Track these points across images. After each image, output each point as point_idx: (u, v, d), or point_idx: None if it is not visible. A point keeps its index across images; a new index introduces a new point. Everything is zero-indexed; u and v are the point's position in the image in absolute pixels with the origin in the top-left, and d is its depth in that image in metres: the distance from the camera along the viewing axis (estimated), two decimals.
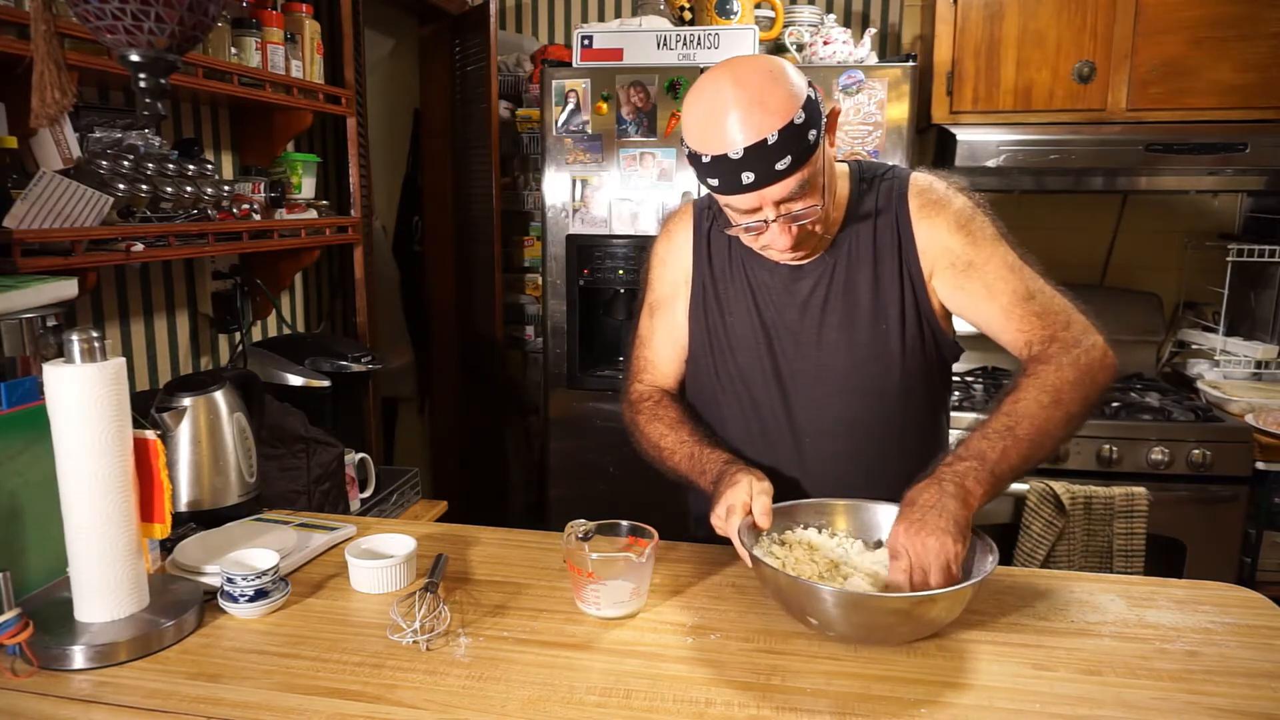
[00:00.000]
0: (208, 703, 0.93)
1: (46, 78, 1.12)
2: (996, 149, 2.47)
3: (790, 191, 1.13)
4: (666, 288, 1.41)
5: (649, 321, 1.44)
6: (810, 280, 1.29)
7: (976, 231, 1.25)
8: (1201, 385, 2.60)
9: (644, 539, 1.16)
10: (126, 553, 1.06)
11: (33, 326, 1.20)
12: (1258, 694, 0.94)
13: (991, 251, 1.25)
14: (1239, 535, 2.29)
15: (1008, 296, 1.23)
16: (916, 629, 1.02)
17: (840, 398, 1.29)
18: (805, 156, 1.12)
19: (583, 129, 2.54)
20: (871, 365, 1.28)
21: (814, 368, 1.30)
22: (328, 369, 2.04)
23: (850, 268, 1.28)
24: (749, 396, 1.33)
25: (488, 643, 1.06)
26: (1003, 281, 1.24)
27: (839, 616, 1.00)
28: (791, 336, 1.30)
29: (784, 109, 1.10)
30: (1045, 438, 1.13)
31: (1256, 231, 2.82)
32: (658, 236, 1.45)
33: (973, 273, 1.24)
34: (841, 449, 1.30)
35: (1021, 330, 1.23)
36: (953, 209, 1.26)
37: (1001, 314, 1.24)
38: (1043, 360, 1.18)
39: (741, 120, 1.09)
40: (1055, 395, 1.13)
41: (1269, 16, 2.41)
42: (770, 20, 2.66)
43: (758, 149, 1.09)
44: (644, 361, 1.44)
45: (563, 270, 2.63)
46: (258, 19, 1.94)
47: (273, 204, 2.04)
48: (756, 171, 1.11)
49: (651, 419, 1.36)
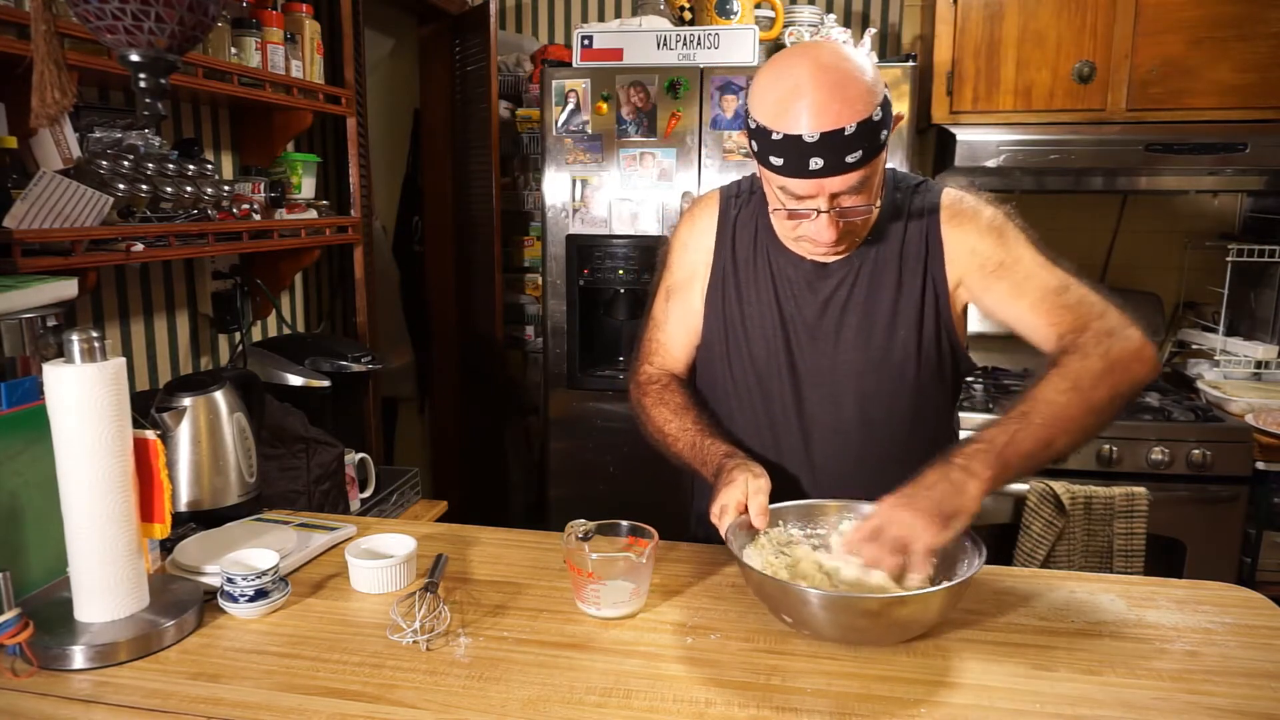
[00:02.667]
0: (208, 703, 0.93)
1: (46, 78, 1.12)
2: (996, 149, 2.47)
3: (850, 186, 1.13)
4: (685, 271, 1.40)
5: (664, 304, 1.43)
6: (835, 279, 1.29)
7: (1007, 235, 1.26)
8: (1201, 385, 2.60)
9: (644, 539, 1.16)
10: (126, 553, 1.06)
11: (33, 326, 1.20)
12: (1258, 694, 0.94)
13: (1021, 252, 1.25)
14: (1239, 535, 2.29)
15: (1038, 292, 1.23)
16: (892, 629, 1.02)
17: (852, 398, 1.29)
18: (874, 154, 1.12)
19: (583, 129, 2.54)
20: (886, 369, 1.28)
21: (828, 365, 1.30)
22: (328, 369, 2.04)
23: (875, 272, 1.28)
24: (760, 388, 1.33)
25: (488, 643, 1.06)
26: (1033, 279, 1.23)
27: (812, 616, 1.00)
28: (809, 332, 1.30)
29: (865, 102, 1.10)
30: (1064, 424, 1.11)
31: (1256, 231, 2.82)
32: (680, 220, 1.45)
33: (1003, 272, 1.24)
34: (849, 448, 1.30)
35: (1052, 324, 1.22)
36: (983, 216, 1.27)
37: (1031, 310, 1.23)
38: (1071, 350, 1.16)
39: (822, 105, 1.09)
40: (1075, 382, 1.12)
41: (1269, 16, 2.41)
42: (770, 20, 2.65)
43: (833, 137, 1.09)
44: (656, 344, 1.43)
45: (563, 270, 2.63)
46: (258, 19, 1.94)
47: (273, 204, 2.04)
48: (826, 159, 1.10)
49: (657, 402, 1.36)
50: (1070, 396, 1.11)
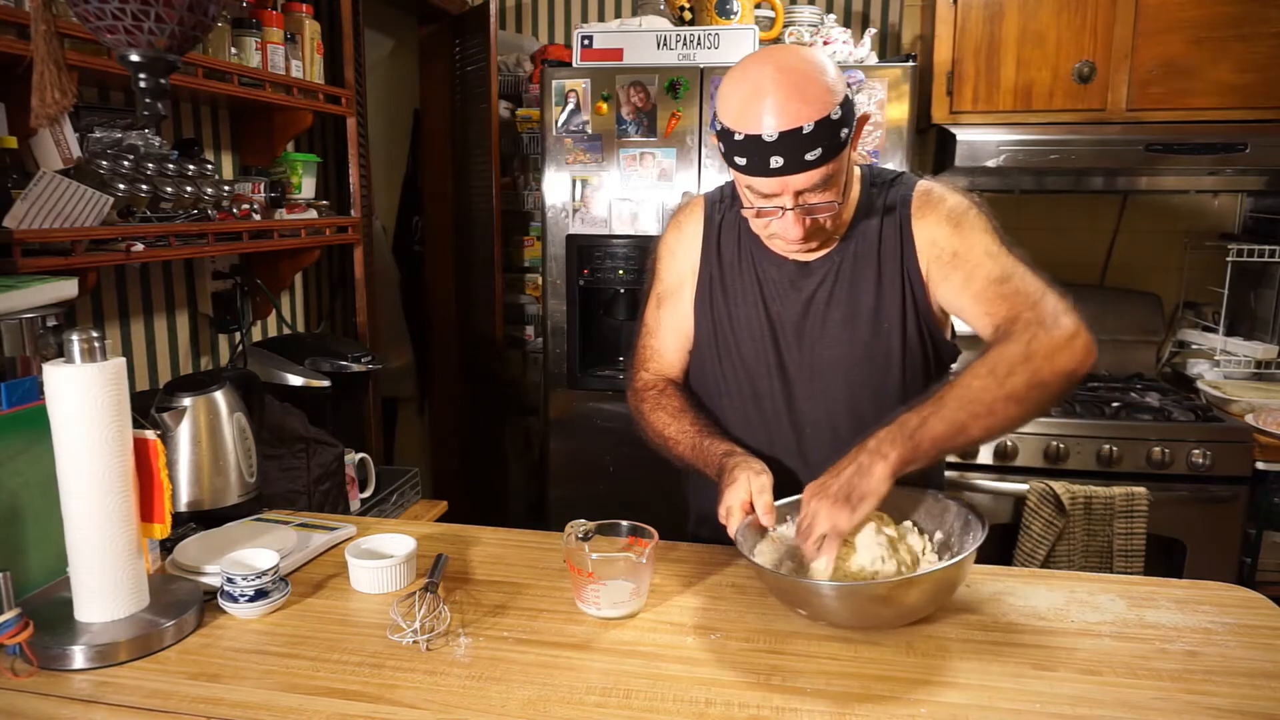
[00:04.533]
0: (208, 703, 0.94)
1: (46, 78, 1.12)
2: (996, 149, 2.47)
3: (813, 183, 1.16)
4: (674, 278, 1.43)
5: (656, 312, 1.45)
6: (816, 278, 1.32)
7: (965, 224, 1.27)
8: (1201, 385, 2.60)
9: (644, 539, 1.16)
10: (126, 553, 1.06)
11: (33, 326, 1.20)
12: (1258, 694, 0.94)
13: (975, 241, 1.25)
14: (1239, 535, 2.28)
15: (981, 282, 1.23)
16: (903, 612, 1.06)
17: (840, 391, 1.32)
18: (834, 152, 1.15)
19: (583, 129, 2.54)
20: (871, 362, 1.31)
21: (816, 362, 1.32)
22: (328, 369, 2.04)
23: (855, 268, 1.30)
24: (751, 387, 1.36)
25: (488, 643, 1.06)
26: (980, 268, 1.24)
27: (825, 607, 1.06)
28: (795, 331, 1.33)
29: (823, 102, 1.13)
30: (977, 409, 1.11)
31: (1256, 231, 2.82)
32: (667, 228, 1.47)
33: (957, 263, 1.25)
34: (840, 441, 1.31)
35: (989, 313, 1.22)
36: (946, 205, 1.29)
37: (974, 300, 1.24)
38: (1000, 340, 1.16)
39: (780, 105, 1.12)
40: (992, 369, 1.12)
41: (1269, 16, 2.41)
42: (770, 20, 2.65)
43: (791, 136, 1.12)
44: (650, 351, 1.46)
45: (563, 270, 2.63)
46: (258, 19, 1.94)
47: (273, 204, 2.04)
48: (786, 158, 1.13)
49: (655, 407, 1.38)
50: (986, 382, 1.12)
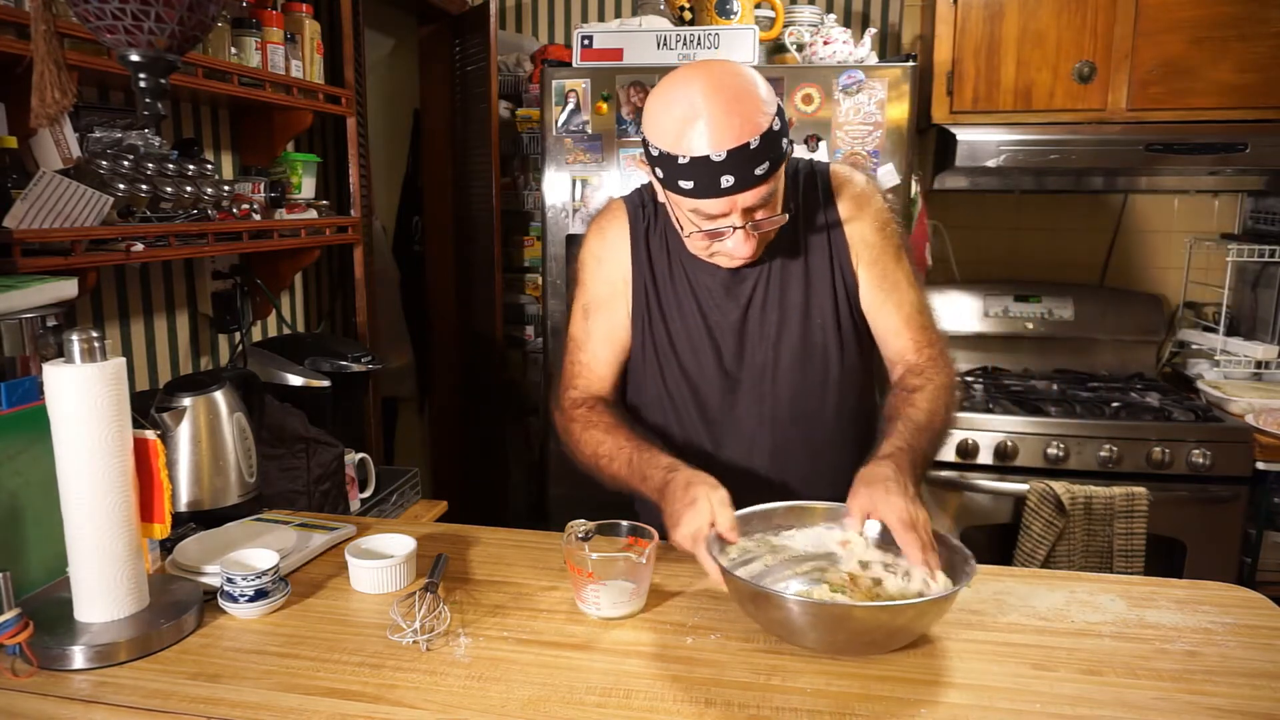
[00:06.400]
0: (208, 703, 0.93)
1: (46, 78, 1.12)
2: (996, 149, 2.47)
3: (761, 198, 1.15)
4: (603, 288, 1.37)
5: (583, 323, 1.38)
6: (749, 282, 1.31)
7: (891, 238, 1.33)
8: (1201, 385, 2.60)
9: (644, 539, 1.16)
10: (126, 553, 1.06)
11: (33, 326, 1.20)
12: (1258, 694, 0.94)
13: (899, 261, 1.33)
14: (1239, 535, 2.28)
15: (910, 307, 1.32)
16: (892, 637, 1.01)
17: (784, 391, 1.32)
18: (779, 163, 1.14)
19: (583, 129, 2.54)
20: (810, 361, 1.32)
21: (758, 365, 1.32)
22: (328, 369, 2.04)
23: (784, 267, 1.31)
24: (695, 397, 1.34)
25: (488, 643, 1.06)
26: (908, 294, 1.32)
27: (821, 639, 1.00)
28: (735, 336, 1.32)
29: (763, 114, 1.11)
30: (938, 441, 1.25)
31: (1257, 232, 2.82)
32: (588, 234, 1.40)
33: (886, 282, 1.32)
34: (787, 440, 1.33)
35: (915, 341, 1.32)
36: (874, 208, 1.33)
37: (903, 323, 1.32)
38: (919, 373, 1.29)
39: (722, 123, 1.09)
40: (948, 404, 1.26)
41: (1269, 16, 2.41)
42: (770, 20, 2.65)
43: (739, 153, 1.09)
44: (579, 366, 1.38)
45: (563, 270, 2.63)
46: (258, 19, 1.94)
47: (273, 204, 2.04)
48: (736, 175, 1.11)
49: (587, 426, 1.32)
50: (944, 419, 1.25)
